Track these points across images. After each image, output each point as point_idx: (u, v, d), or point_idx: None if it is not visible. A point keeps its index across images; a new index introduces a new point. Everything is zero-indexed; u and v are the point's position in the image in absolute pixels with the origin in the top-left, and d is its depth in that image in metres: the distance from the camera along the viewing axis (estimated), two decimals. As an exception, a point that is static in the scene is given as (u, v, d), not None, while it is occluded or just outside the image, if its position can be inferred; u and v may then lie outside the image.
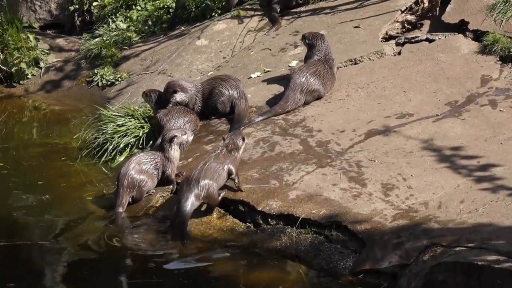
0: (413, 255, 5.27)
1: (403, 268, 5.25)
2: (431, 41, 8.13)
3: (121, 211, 6.44)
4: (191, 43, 9.17)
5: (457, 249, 5.15)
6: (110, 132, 7.48)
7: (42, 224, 6.50)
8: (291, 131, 6.99)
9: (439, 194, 5.87)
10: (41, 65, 9.86)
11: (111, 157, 7.39)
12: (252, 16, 9.39)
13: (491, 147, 6.39)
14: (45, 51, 10.01)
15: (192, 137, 6.74)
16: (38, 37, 10.17)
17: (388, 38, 8.40)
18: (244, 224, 6.10)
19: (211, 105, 7.49)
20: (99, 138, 7.53)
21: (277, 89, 7.68)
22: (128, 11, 10.21)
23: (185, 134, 6.66)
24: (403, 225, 5.55)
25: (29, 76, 9.79)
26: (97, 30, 10.02)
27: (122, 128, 7.48)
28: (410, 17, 8.61)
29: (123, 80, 9.16)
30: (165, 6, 10.08)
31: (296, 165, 6.45)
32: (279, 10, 9.25)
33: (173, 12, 9.91)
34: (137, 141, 7.40)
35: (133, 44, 9.71)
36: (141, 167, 6.52)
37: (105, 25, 10.06)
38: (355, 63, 7.98)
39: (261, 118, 7.24)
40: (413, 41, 8.22)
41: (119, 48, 9.65)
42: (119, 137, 7.42)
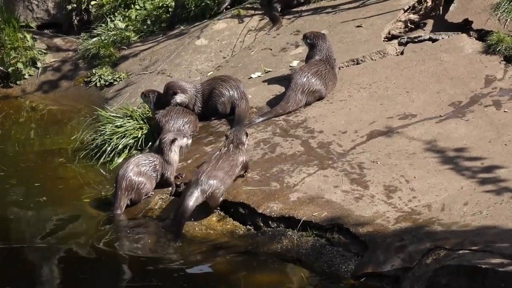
0: (416, 258, 5.24)
1: (406, 271, 5.22)
2: (434, 40, 8.09)
3: (119, 213, 6.43)
4: (191, 42, 9.14)
5: (461, 252, 5.12)
6: (108, 133, 7.46)
7: (39, 226, 6.47)
8: (292, 132, 6.94)
9: (442, 196, 5.84)
10: (38, 65, 9.82)
11: (109, 159, 7.37)
12: (252, 15, 9.38)
13: (495, 149, 6.34)
14: (43, 51, 9.97)
15: (191, 140, 6.71)
16: (35, 36, 10.14)
17: (390, 37, 8.37)
18: (244, 226, 6.07)
19: (211, 106, 7.44)
20: (97, 139, 7.50)
21: (278, 89, 7.65)
22: (126, 10, 10.18)
23: (184, 137, 6.64)
24: (406, 228, 5.53)
25: (26, 76, 9.77)
26: (95, 29, 9.99)
27: (120, 129, 7.46)
28: (413, 17, 8.59)
29: (121, 80, 9.14)
30: (164, 5, 10.05)
31: (297, 167, 6.41)
32: (280, 9, 9.25)
33: (173, 11, 9.88)
34: (136, 142, 7.39)
35: (131, 43, 9.68)
36: (139, 169, 6.49)
37: (103, 25, 10.03)
38: (357, 63, 7.95)
39: (261, 119, 7.20)
40: (416, 40, 8.18)
41: (117, 48, 9.62)
42: (117, 138, 7.40)
